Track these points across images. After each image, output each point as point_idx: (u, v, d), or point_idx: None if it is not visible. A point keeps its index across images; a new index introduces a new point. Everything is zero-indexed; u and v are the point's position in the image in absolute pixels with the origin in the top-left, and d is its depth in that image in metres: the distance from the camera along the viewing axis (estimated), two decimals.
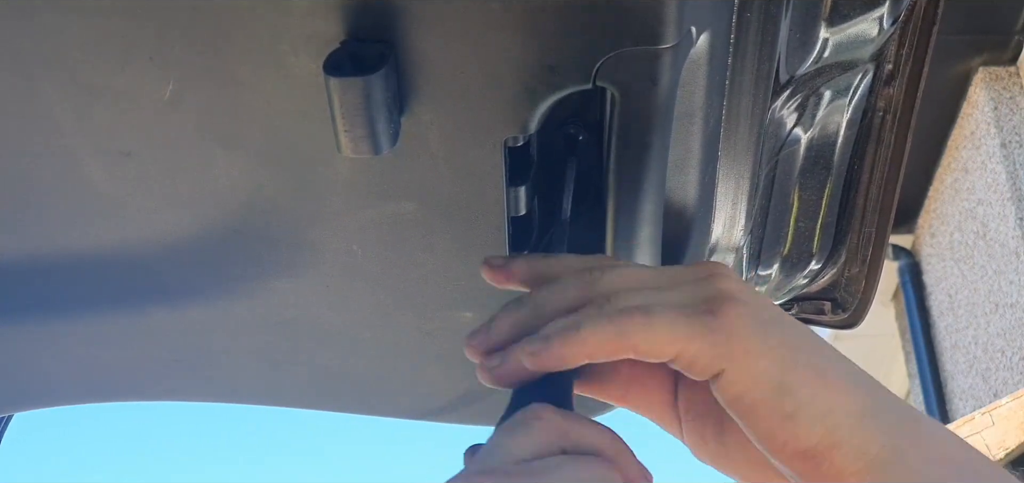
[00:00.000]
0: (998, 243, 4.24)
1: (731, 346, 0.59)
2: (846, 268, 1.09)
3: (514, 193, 0.71)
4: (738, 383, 0.59)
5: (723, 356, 0.59)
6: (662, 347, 0.60)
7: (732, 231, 0.87)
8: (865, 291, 1.10)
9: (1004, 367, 4.23)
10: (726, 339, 0.59)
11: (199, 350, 0.97)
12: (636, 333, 0.59)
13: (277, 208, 0.77)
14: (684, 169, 0.73)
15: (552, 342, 0.60)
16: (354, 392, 1.05)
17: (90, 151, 0.73)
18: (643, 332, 0.59)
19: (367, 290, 0.85)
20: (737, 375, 0.59)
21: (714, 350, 0.59)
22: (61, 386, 1.04)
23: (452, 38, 0.60)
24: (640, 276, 0.64)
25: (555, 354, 0.60)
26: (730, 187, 0.82)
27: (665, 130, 0.66)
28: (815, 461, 0.59)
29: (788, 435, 0.58)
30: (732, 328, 0.59)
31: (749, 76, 0.74)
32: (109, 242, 0.82)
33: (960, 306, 4.69)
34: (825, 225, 1.05)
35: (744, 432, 0.61)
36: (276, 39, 0.62)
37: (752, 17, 0.70)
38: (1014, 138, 4.21)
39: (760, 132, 0.80)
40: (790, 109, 0.90)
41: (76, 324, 0.93)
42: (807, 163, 0.98)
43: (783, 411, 0.58)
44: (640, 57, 0.60)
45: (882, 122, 0.98)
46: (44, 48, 0.64)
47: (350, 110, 0.60)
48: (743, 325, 0.60)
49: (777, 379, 0.59)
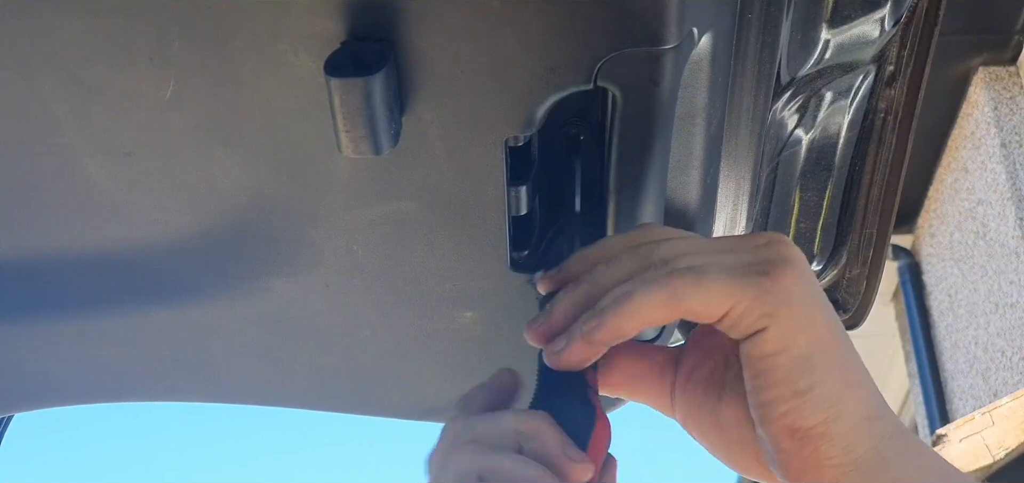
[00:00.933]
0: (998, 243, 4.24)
1: (779, 308, 0.60)
2: (847, 269, 1.09)
3: (515, 193, 0.71)
4: (771, 343, 0.60)
5: (769, 315, 0.60)
6: (714, 306, 0.60)
7: (733, 232, 0.87)
8: (866, 292, 1.10)
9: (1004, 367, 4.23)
10: (776, 301, 0.60)
11: (199, 350, 0.97)
12: (688, 293, 0.60)
13: (277, 208, 0.77)
14: (685, 170, 0.73)
15: (607, 316, 0.61)
16: (354, 392, 1.05)
17: (90, 151, 0.72)
18: (695, 291, 0.60)
19: (367, 289, 0.85)
20: (775, 336, 0.60)
21: (763, 309, 0.60)
22: (61, 386, 1.04)
23: (453, 37, 0.60)
24: (696, 242, 0.64)
25: (611, 327, 0.61)
26: (731, 188, 0.82)
27: (666, 131, 0.66)
28: (802, 443, 0.60)
29: (791, 408, 0.59)
30: (785, 292, 0.60)
31: (750, 77, 0.73)
32: (109, 242, 0.82)
33: (960, 306, 4.69)
34: (826, 226, 1.05)
35: (745, 397, 0.62)
36: (276, 39, 0.62)
37: (753, 18, 0.70)
38: (1014, 138, 4.20)
39: (761, 133, 0.80)
40: (791, 110, 0.90)
41: (76, 324, 0.93)
42: (808, 164, 0.98)
43: (798, 386, 0.59)
44: (641, 58, 0.60)
45: (883, 123, 0.98)
46: (44, 48, 0.64)
47: (351, 110, 0.60)
48: (796, 292, 0.60)
49: (805, 354, 0.60)
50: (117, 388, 1.05)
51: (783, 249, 0.62)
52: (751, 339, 0.61)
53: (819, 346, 0.60)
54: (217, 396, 1.06)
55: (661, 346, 0.72)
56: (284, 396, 1.06)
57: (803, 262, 0.63)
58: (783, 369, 0.60)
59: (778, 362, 0.60)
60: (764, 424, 0.61)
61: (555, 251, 0.74)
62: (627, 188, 0.69)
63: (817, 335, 0.60)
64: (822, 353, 0.60)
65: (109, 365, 1.00)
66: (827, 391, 0.59)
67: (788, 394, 0.59)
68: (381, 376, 1.01)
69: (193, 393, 1.06)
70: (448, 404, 1.03)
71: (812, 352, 0.60)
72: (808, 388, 0.59)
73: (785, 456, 0.60)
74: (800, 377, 0.59)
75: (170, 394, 1.06)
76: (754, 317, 0.60)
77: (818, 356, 0.60)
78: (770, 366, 0.60)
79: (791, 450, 0.60)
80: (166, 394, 1.06)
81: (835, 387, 0.60)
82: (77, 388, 1.05)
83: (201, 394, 1.06)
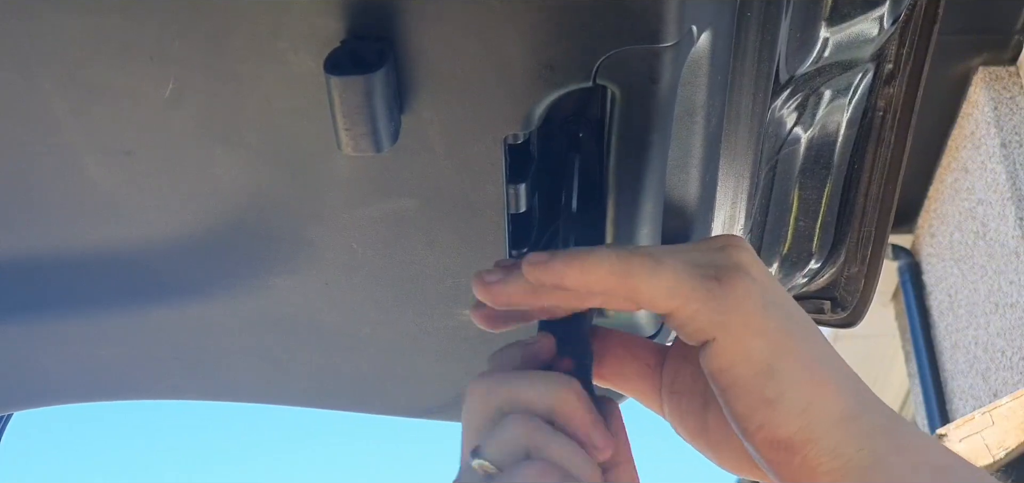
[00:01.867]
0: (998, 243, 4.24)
1: (728, 316, 0.59)
2: (846, 267, 1.09)
3: (514, 190, 0.71)
4: (726, 355, 0.59)
5: (718, 324, 0.59)
6: (662, 298, 0.59)
7: (732, 230, 0.87)
8: (864, 290, 1.10)
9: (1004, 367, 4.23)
10: (725, 309, 0.59)
11: (199, 348, 0.97)
12: (640, 274, 0.59)
13: (277, 206, 0.77)
14: (684, 168, 0.73)
15: (555, 258, 0.60)
16: (354, 390, 1.05)
17: (90, 150, 0.73)
18: (647, 276, 0.59)
19: (367, 287, 0.85)
20: (728, 346, 0.59)
21: (711, 316, 0.59)
22: (61, 385, 1.04)
23: (452, 35, 0.60)
24: (660, 245, 0.64)
25: (554, 268, 0.60)
26: (730, 186, 0.82)
27: (665, 129, 0.66)
28: (789, 453, 0.58)
29: (765, 419, 0.58)
30: (734, 299, 0.59)
31: (749, 75, 0.74)
32: (109, 241, 0.82)
33: (960, 306, 4.69)
34: (825, 224, 1.05)
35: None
36: (276, 37, 0.62)
37: (752, 16, 0.70)
38: (1014, 138, 4.20)
39: (760, 131, 0.80)
40: (790, 108, 0.90)
41: (76, 323, 0.93)
42: (807, 162, 0.99)
43: (764, 395, 0.58)
44: (640, 56, 0.60)
45: (882, 121, 0.98)
46: (44, 47, 0.64)
47: (351, 109, 0.60)
48: (746, 299, 0.59)
49: (766, 361, 0.58)
50: (117, 387, 1.05)
51: (735, 253, 0.61)
52: (706, 350, 0.59)
53: (779, 351, 0.59)
54: (217, 394, 1.06)
55: (654, 344, 0.71)
56: (284, 394, 1.06)
57: (756, 266, 0.61)
58: (745, 379, 0.58)
59: (739, 373, 0.58)
60: (745, 437, 0.60)
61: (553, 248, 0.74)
62: (626, 186, 0.69)
63: (774, 340, 0.59)
64: (783, 358, 0.58)
65: (109, 364, 1.00)
66: (797, 397, 0.58)
67: (758, 404, 0.58)
68: (381, 374, 1.01)
69: (193, 392, 1.06)
70: (448, 402, 1.03)
71: (772, 359, 0.58)
72: (776, 396, 0.58)
73: (776, 467, 0.59)
74: (765, 385, 0.58)
75: (170, 393, 1.07)
76: (702, 323, 0.59)
77: (779, 362, 0.58)
78: (732, 378, 0.59)
79: (780, 460, 0.59)
80: (166, 393, 1.07)
81: (804, 392, 0.58)
82: (77, 387, 1.05)
83: (201, 393, 1.06)
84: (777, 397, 0.58)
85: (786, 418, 0.58)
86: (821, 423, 0.58)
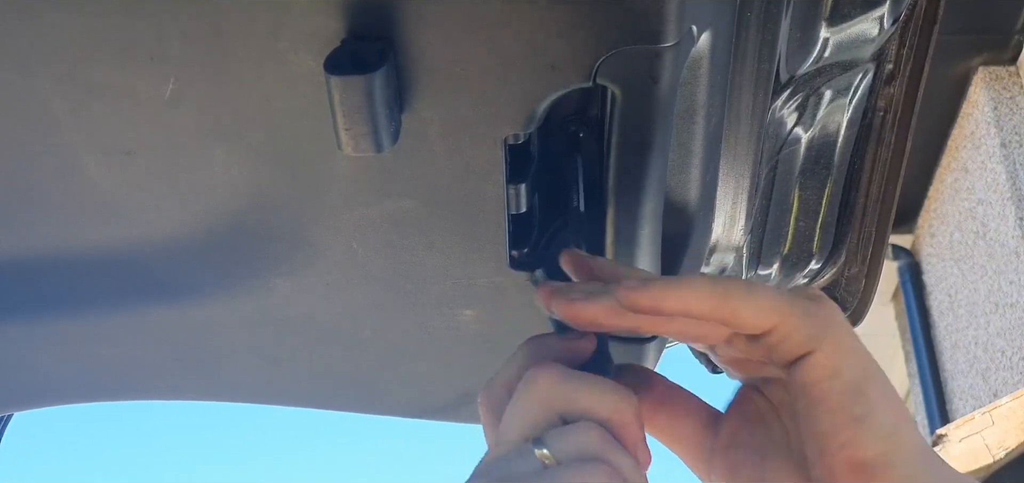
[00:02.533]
0: (998, 243, 4.25)
1: (826, 332, 0.61)
2: (846, 268, 1.09)
3: (514, 190, 0.71)
4: (820, 369, 0.60)
5: (816, 338, 0.60)
6: (764, 315, 0.61)
7: (732, 230, 0.87)
8: (865, 291, 1.10)
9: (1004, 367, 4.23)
10: (822, 324, 0.61)
11: (199, 349, 0.97)
12: (738, 295, 0.61)
13: (277, 206, 0.77)
14: (685, 168, 0.73)
15: (652, 285, 0.61)
16: (354, 391, 1.05)
17: (90, 150, 0.72)
18: (745, 296, 0.61)
19: (367, 288, 0.85)
20: (822, 361, 0.60)
21: (810, 331, 0.61)
22: (61, 386, 1.04)
23: (453, 35, 0.60)
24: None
25: (654, 294, 0.61)
26: (730, 186, 0.82)
27: (666, 129, 0.66)
28: (866, 476, 0.59)
29: (850, 438, 0.59)
30: (829, 317, 0.61)
31: (750, 75, 0.74)
32: (109, 241, 0.82)
33: (960, 306, 4.69)
34: (825, 225, 1.05)
35: (791, 456, 0.63)
36: (276, 37, 0.62)
37: (753, 16, 0.70)
38: (1014, 138, 4.21)
39: (761, 131, 0.80)
40: (790, 108, 0.90)
41: (76, 323, 0.93)
42: (807, 162, 0.98)
43: (853, 412, 0.59)
44: (641, 55, 0.60)
45: (882, 122, 0.98)
46: (44, 47, 0.64)
47: (351, 109, 0.60)
48: (840, 320, 0.62)
49: (857, 380, 0.60)
50: (117, 387, 1.05)
51: (812, 289, 0.64)
52: (800, 364, 0.61)
53: (868, 374, 0.60)
54: (217, 395, 1.06)
55: (706, 405, 0.71)
56: (284, 395, 1.06)
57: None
58: (837, 394, 0.60)
59: (832, 387, 0.60)
60: (824, 457, 0.60)
61: (554, 249, 0.74)
62: (626, 186, 0.69)
63: (864, 363, 0.61)
64: (872, 381, 0.60)
65: (109, 364, 1.00)
66: (883, 420, 0.59)
67: (845, 421, 0.59)
68: (381, 375, 1.01)
69: (193, 392, 1.06)
70: (448, 403, 1.03)
71: (862, 379, 0.60)
72: (864, 415, 0.59)
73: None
74: (854, 403, 0.59)
75: (170, 393, 1.07)
76: (801, 337, 0.60)
77: (868, 384, 0.60)
78: (824, 392, 0.60)
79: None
80: (166, 393, 1.07)
81: (890, 417, 0.59)
82: (77, 387, 1.05)
83: (201, 393, 1.06)
84: (865, 416, 0.59)
85: (871, 439, 0.59)
86: (903, 451, 0.59)
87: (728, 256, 0.94)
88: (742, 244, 0.93)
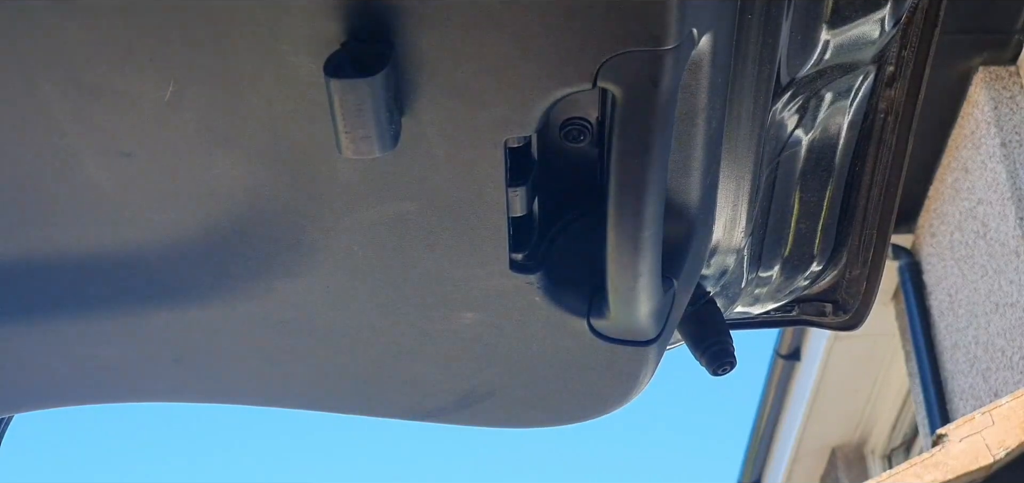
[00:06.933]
0: (998, 243, 4.24)
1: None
2: (847, 270, 1.09)
3: (514, 193, 0.71)
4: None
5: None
6: None
7: (733, 232, 0.87)
8: (866, 293, 1.10)
9: (1004, 367, 4.23)
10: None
11: (199, 350, 0.97)
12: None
13: (277, 209, 0.77)
14: (685, 170, 0.73)
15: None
16: (354, 392, 1.05)
17: (90, 151, 0.72)
18: None
19: (367, 290, 0.85)
20: None
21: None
22: (61, 386, 1.04)
23: (453, 39, 0.60)
24: None
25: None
26: (731, 189, 0.82)
27: (666, 131, 0.66)
28: None
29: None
30: None
31: (750, 78, 0.73)
32: (109, 242, 0.82)
33: (960, 306, 4.69)
34: (826, 226, 1.05)
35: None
36: (276, 40, 0.62)
37: (753, 19, 0.70)
38: (1014, 138, 4.20)
39: (761, 134, 0.80)
40: (791, 111, 0.90)
41: (76, 324, 0.93)
42: (808, 165, 0.98)
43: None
44: (642, 58, 0.60)
45: (883, 124, 0.98)
46: (45, 49, 0.64)
47: (351, 111, 0.60)
48: None
49: None
50: (117, 388, 1.05)
51: None
52: None
53: None
54: (217, 396, 1.06)
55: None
56: (284, 396, 1.06)
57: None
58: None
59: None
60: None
61: (555, 252, 0.74)
62: (627, 188, 0.69)
63: None
64: None
65: (110, 365, 1.00)
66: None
67: None
68: (381, 376, 1.01)
69: (193, 393, 1.06)
70: (448, 404, 1.03)
71: None
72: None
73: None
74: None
75: (170, 394, 1.06)
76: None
77: None
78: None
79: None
80: (166, 394, 1.06)
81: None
82: (77, 388, 1.04)
83: (201, 394, 1.06)
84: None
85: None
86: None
87: (729, 258, 0.94)
88: (743, 246, 0.93)
